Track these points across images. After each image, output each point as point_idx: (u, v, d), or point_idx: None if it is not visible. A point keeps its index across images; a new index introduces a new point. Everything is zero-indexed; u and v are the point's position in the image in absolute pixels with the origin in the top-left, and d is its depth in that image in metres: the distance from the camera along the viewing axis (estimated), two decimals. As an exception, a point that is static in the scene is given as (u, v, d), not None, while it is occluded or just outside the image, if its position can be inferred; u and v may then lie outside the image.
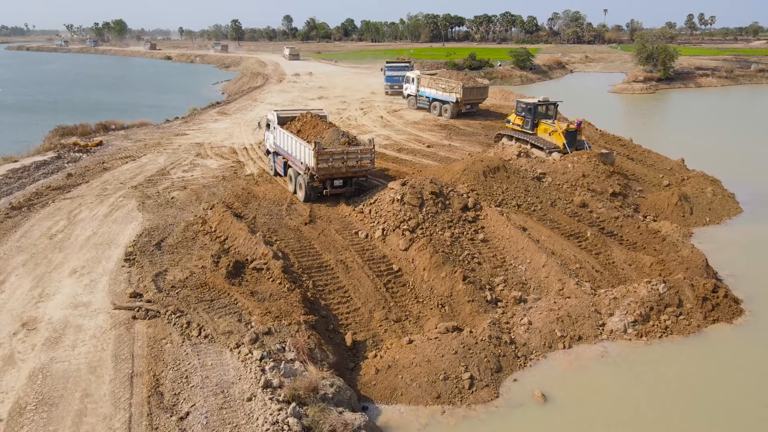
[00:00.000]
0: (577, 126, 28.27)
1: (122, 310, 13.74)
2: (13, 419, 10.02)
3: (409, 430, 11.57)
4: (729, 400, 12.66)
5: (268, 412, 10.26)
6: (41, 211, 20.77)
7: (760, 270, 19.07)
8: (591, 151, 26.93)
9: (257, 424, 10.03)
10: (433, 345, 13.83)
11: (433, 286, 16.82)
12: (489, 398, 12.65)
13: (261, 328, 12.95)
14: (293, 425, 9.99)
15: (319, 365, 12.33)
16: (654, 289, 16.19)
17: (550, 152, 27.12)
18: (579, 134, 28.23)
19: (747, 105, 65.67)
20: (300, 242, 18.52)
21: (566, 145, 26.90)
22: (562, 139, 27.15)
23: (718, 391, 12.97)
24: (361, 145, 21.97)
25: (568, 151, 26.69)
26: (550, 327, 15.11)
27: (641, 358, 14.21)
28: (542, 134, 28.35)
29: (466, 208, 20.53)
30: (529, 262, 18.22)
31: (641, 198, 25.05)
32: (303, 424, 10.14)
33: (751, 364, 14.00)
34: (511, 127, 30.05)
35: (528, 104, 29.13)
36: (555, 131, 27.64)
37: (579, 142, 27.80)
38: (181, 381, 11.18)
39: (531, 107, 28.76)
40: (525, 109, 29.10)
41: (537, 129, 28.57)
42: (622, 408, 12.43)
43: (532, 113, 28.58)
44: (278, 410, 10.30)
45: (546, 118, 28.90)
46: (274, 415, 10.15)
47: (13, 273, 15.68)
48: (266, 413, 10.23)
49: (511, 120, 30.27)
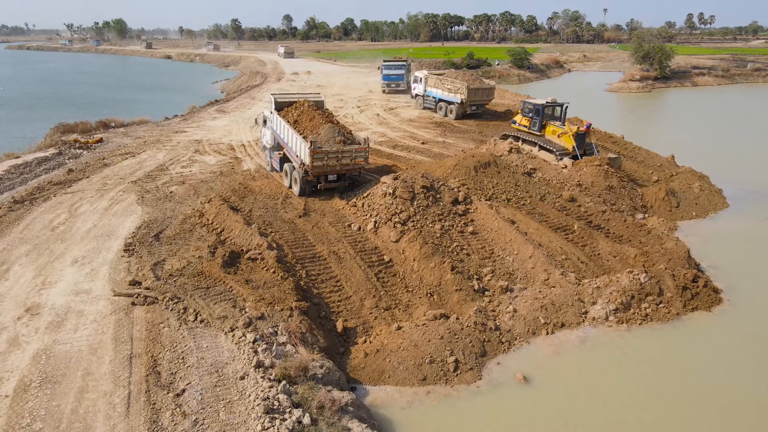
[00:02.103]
0: (586, 128, 27.81)
1: (122, 296, 14.31)
2: (19, 395, 10.59)
3: (394, 408, 12.14)
4: (704, 382, 13.22)
5: (260, 389, 10.83)
6: (43, 204, 21.34)
7: (741, 261, 19.64)
8: (600, 156, 26.51)
9: (249, 400, 10.60)
10: (420, 331, 14.41)
11: (422, 276, 17.39)
12: (472, 380, 13.21)
13: (254, 314, 13.53)
14: (283, 401, 10.56)
15: (310, 348, 12.90)
16: (635, 279, 16.76)
17: (560, 156, 26.67)
18: (587, 136, 27.85)
19: (741, 103, 66.16)
20: (294, 234, 19.10)
21: (575, 148, 26.54)
22: (572, 141, 26.71)
23: (694, 374, 13.53)
24: (355, 145, 22.36)
25: (578, 154, 26.42)
26: (534, 314, 15.68)
27: (620, 344, 14.78)
28: (550, 136, 27.99)
29: (457, 201, 21.09)
30: (516, 254, 18.79)
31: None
32: (293, 401, 10.70)
33: (726, 349, 14.57)
34: (518, 127, 29.60)
35: (535, 105, 28.60)
36: (564, 133, 27.18)
37: (587, 145, 27.50)
38: (177, 361, 11.75)
39: (538, 108, 28.27)
40: (532, 110, 28.65)
41: (544, 130, 28.23)
42: (599, 389, 12.99)
43: (539, 114, 28.13)
44: (269, 387, 10.87)
45: (553, 120, 28.50)
46: (265, 392, 10.72)
47: (16, 262, 16.26)
48: (258, 390, 10.80)
49: (517, 121, 29.82)
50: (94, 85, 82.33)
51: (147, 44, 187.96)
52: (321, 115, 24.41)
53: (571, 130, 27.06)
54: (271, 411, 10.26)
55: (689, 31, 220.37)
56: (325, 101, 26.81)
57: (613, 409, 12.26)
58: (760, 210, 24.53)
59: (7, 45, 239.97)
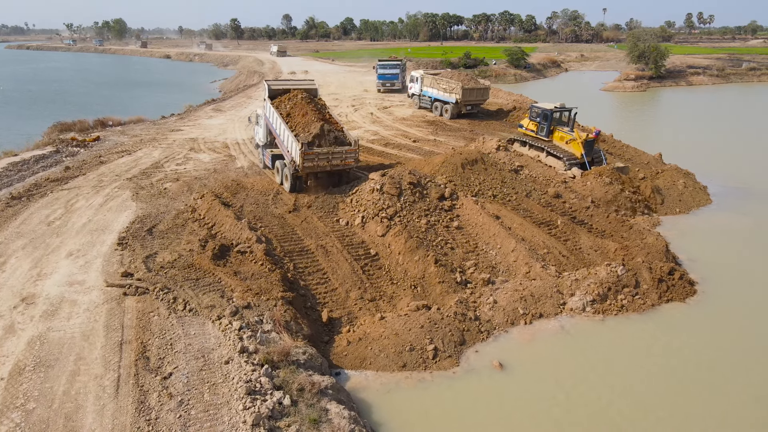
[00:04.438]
0: (594, 135, 27.33)
1: (114, 287, 14.86)
2: (13, 378, 11.14)
3: (374, 393, 12.69)
4: (674, 369, 13.75)
5: (243, 372, 11.38)
6: (40, 200, 21.89)
7: (718, 255, 20.20)
8: (609, 166, 26.07)
9: (233, 382, 11.15)
10: (402, 320, 14.95)
11: (407, 268, 17.94)
12: (450, 367, 13.75)
13: (241, 303, 14.08)
14: (265, 383, 11.11)
15: (294, 336, 13.44)
16: (613, 272, 17.31)
17: (569, 165, 26.25)
18: (596, 143, 27.40)
19: (733, 102, 66.71)
20: (283, 228, 19.65)
21: (584, 155, 26.17)
22: (580, 149, 26.25)
23: (665, 361, 14.06)
24: (346, 146, 22.59)
25: (586, 162, 26.12)
26: (513, 305, 16.22)
27: (596, 333, 15.33)
28: (558, 142, 27.45)
29: (443, 197, 21.63)
30: (499, 248, 19.33)
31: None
32: (274, 383, 11.25)
33: (696, 336, 15.16)
34: (524, 132, 29.07)
35: (543, 110, 27.97)
36: (573, 140, 26.66)
37: (595, 152, 27.14)
38: (165, 347, 12.30)
39: (547, 113, 27.66)
40: (540, 114, 28.05)
41: (552, 136, 27.72)
42: (571, 375, 13.51)
43: (547, 119, 27.56)
44: (252, 371, 11.42)
45: (561, 125, 27.97)
46: (248, 375, 11.27)
47: (13, 255, 16.81)
48: (241, 374, 11.35)
49: (524, 125, 29.28)
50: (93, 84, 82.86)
51: (142, 43, 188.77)
52: (314, 110, 24.10)
53: (580, 136, 26.47)
54: (253, 392, 10.80)
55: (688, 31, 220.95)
56: (318, 89, 26.66)
57: (584, 394, 12.79)
58: (741, 206, 25.12)
59: (6, 45, 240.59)
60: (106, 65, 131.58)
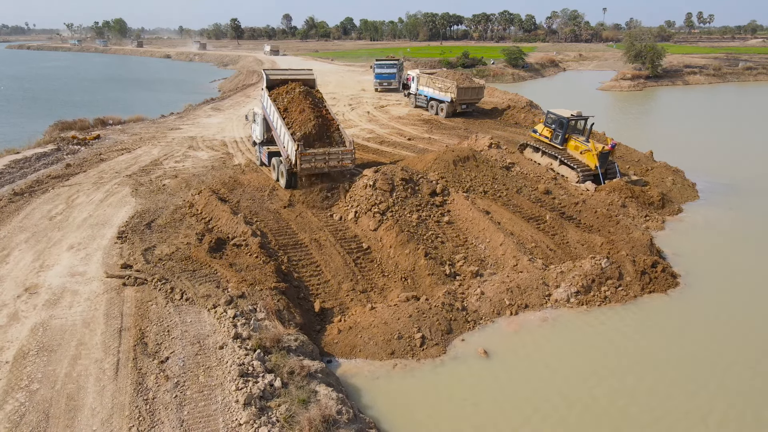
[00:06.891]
0: (611, 147, 26.43)
1: (114, 278, 15.42)
2: (18, 362, 11.70)
3: (363, 378, 13.24)
4: (653, 356, 14.30)
5: (236, 356, 11.94)
6: (42, 196, 22.45)
7: (700, 248, 20.75)
8: (623, 180, 25.33)
9: (227, 365, 11.70)
10: (391, 310, 15.50)
11: (397, 261, 18.49)
12: (437, 354, 14.30)
13: (236, 293, 14.65)
14: (257, 367, 11.66)
15: (286, 324, 14.01)
16: (597, 264, 17.85)
17: (583, 178, 25.69)
18: (611, 155, 26.61)
19: (728, 101, 67.22)
20: (278, 223, 20.21)
21: (598, 167, 25.67)
22: (595, 160, 25.72)
23: (644, 349, 14.61)
24: (342, 147, 22.86)
25: (600, 174, 25.60)
26: (500, 296, 16.77)
27: (579, 322, 15.88)
28: (572, 151, 26.90)
29: (435, 193, 22.18)
30: (488, 242, 19.88)
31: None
32: (266, 367, 11.80)
33: (675, 325, 15.69)
34: (538, 137, 28.51)
35: (559, 117, 27.34)
36: (588, 151, 26.05)
37: (610, 164, 26.52)
38: (163, 334, 12.86)
39: (563, 121, 27.08)
40: (556, 121, 27.49)
41: (567, 144, 27.16)
42: (554, 362, 14.06)
43: (563, 127, 27.02)
44: (245, 355, 11.98)
45: (576, 133, 27.44)
46: (241, 359, 11.83)
47: (16, 248, 17.37)
48: (234, 357, 11.91)
49: (538, 130, 28.68)
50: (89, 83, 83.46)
51: (138, 43, 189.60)
52: (311, 106, 23.95)
53: (596, 148, 25.86)
54: (246, 375, 11.36)
55: (688, 31, 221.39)
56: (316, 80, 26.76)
57: (566, 380, 13.33)
58: (727, 201, 25.67)
59: (7, 45, 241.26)
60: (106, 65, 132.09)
